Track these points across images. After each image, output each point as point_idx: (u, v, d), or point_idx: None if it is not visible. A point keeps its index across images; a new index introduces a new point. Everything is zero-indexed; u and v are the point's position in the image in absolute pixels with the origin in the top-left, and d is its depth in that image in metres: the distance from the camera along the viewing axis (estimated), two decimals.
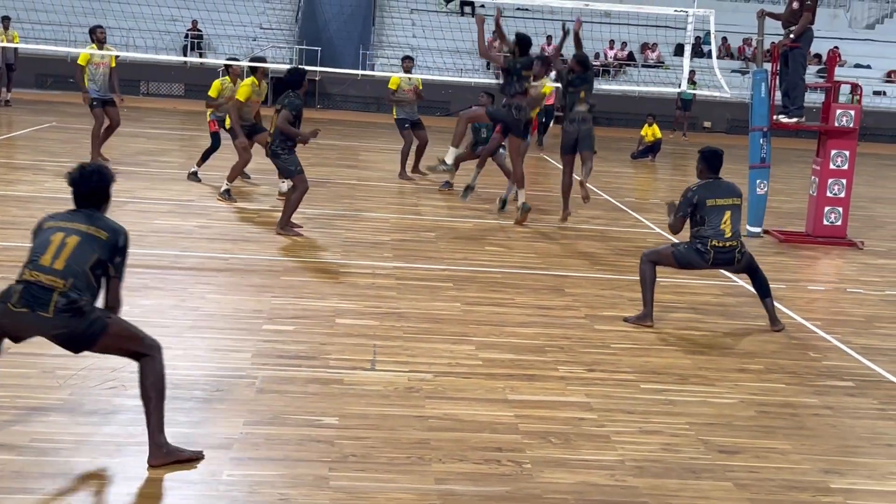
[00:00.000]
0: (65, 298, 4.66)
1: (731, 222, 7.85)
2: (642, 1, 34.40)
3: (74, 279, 4.71)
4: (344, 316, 7.55)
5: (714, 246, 7.80)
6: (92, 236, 4.90)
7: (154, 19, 28.54)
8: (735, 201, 7.93)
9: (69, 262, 4.74)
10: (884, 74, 34.89)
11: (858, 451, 5.63)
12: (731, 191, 7.98)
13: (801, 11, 12.10)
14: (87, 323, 4.71)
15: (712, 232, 7.80)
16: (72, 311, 4.66)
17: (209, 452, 4.95)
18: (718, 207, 7.83)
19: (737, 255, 7.87)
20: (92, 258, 4.83)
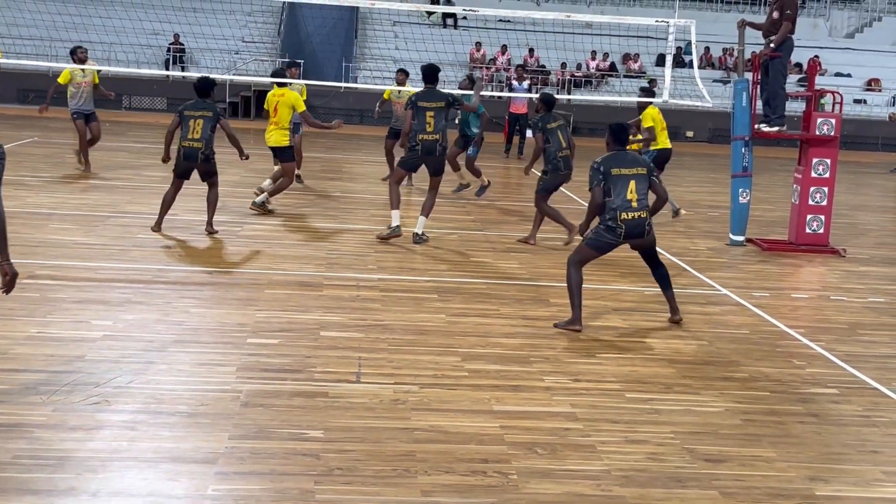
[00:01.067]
0: None
1: (637, 192, 7.92)
2: (623, 12, 34.66)
3: None
4: (329, 329, 7.54)
5: (624, 220, 7.87)
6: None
7: (136, 33, 28.50)
8: (639, 171, 8.00)
9: None
10: (864, 83, 35.11)
11: (843, 458, 5.64)
12: (635, 161, 8.11)
13: (781, 21, 12.18)
14: None
15: (620, 202, 7.88)
16: None
17: (195, 467, 4.93)
18: (623, 177, 7.93)
19: (646, 226, 7.95)
20: None
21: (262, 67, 31.07)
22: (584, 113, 31.31)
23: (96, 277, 8.75)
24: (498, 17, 32.47)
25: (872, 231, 14.74)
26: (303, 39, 33.06)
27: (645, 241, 8.10)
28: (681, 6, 31.90)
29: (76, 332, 7.06)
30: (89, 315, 7.52)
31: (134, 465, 4.93)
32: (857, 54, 36.56)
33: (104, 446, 5.13)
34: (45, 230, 10.65)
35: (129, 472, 4.84)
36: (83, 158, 15.47)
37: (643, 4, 37.20)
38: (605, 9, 35.77)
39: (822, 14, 38.83)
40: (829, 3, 39.45)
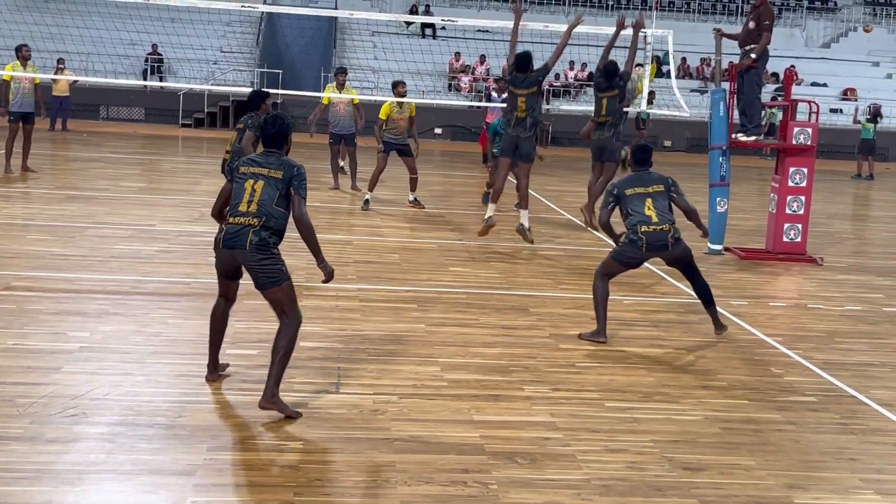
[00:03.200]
0: None
1: (656, 208, 7.96)
2: (602, 22, 34.77)
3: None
4: (308, 339, 7.51)
5: (644, 231, 7.89)
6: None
7: (113, 43, 28.39)
8: (657, 188, 8.05)
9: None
10: (840, 92, 35.39)
11: (821, 466, 5.67)
12: (652, 180, 8.13)
13: (759, 31, 12.24)
14: None
15: (639, 219, 7.93)
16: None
17: (173, 479, 4.90)
18: (638, 195, 8.00)
19: (669, 239, 7.92)
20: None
21: (241, 77, 31.03)
22: (563, 123, 31.41)
23: (73, 289, 8.70)
24: (477, 28, 32.56)
25: (849, 240, 14.84)
26: (281, 49, 33.04)
27: (672, 254, 8.05)
28: (658, 16, 32.04)
29: (53, 343, 7.02)
30: (66, 327, 7.47)
31: (111, 478, 4.90)
32: (833, 64, 36.88)
33: (81, 459, 5.09)
34: (21, 241, 10.58)
35: (107, 485, 4.80)
36: (7, 161, 15.71)
37: (621, 14, 37.37)
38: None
39: (798, 24, 39.16)
40: (806, 13, 39.79)
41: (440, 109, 30.35)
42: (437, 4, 36.50)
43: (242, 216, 5.90)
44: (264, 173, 5.98)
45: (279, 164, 6.02)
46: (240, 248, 5.90)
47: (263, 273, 5.92)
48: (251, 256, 5.88)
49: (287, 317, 6.00)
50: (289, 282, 6.02)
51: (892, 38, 39.49)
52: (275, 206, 5.94)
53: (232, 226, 5.93)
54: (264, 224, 5.89)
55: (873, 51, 38.30)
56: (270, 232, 5.92)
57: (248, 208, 5.92)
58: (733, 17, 38.10)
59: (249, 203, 5.92)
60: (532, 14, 36.45)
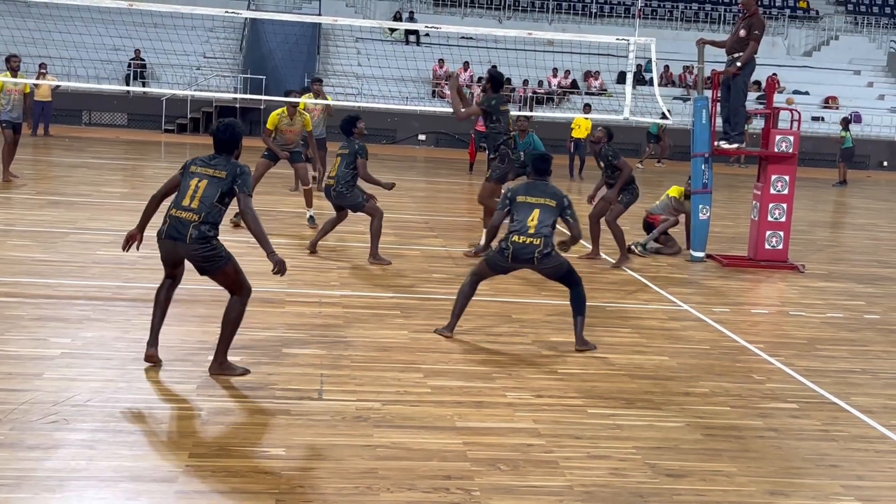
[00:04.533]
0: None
1: (539, 220, 7.95)
2: (585, 29, 34.94)
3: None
4: (290, 345, 7.50)
5: (514, 241, 7.92)
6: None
7: (96, 48, 28.30)
8: (548, 202, 8.03)
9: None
10: (821, 101, 35.61)
11: (803, 473, 5.69)
12: (546, 192, 8.13)
13: (748, 40, 12.30)
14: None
15: (518, 227, 7.97)
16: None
17: (154, 486, 4.87)
18: (528, 204, 8.01)
19: (536, 254, 7.87)
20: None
21: (224, 83, 30.99)
22: (545, 129, 31.45)
23: (55, 294, 8.65)
24: (460, 35, 32.61)
25: (831, 247, 14.92)
26: (265, 55, 33.00)
27: (541, 269, 8.03)
28: (641, 24, 32.16)
29: (34, 349, 6.98)
30: (47, 333, 7.43)
31: (93, 485, 4.87)
32: (815, 72, 37.14)
33: (62, 465, 5.06)
34: (2, 246, 10.52)
35: (88, 492, 4.78)
36: (6, 169, 15.70)
37: (604, 22, 37.54)
38: (566, 26, 36.11)
39: (780, 32, 39.40)
40: (788, 21, 40.04)
41: (424, 116, 30.37)
42: (421, 11, 36.56)
43: (185, 210, 6.43)
44: (210, 173, 6.52)
45: (225, 165, 6.58)
46: (181, 241, 6.44)
47: (205, 262, 6.54)
48: (191, 248, 6.46)
49: (237, 294, 6.67)
50: (231, 263, 6.63)
51: (872, 46, 39.80)
52: (215, 202, 6.50)
53: (174, 218, 6.46)
54: (204, 219, 6.44)
55: (854, 59, 38.58)
56: (209, 226, 6.49)
57: (189, 203, 6.45)
58: (716, 25, 38.32)
59: (192, 199, 6.45)
60: (515, 21, 36.57)
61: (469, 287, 8.19)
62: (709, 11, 39.34)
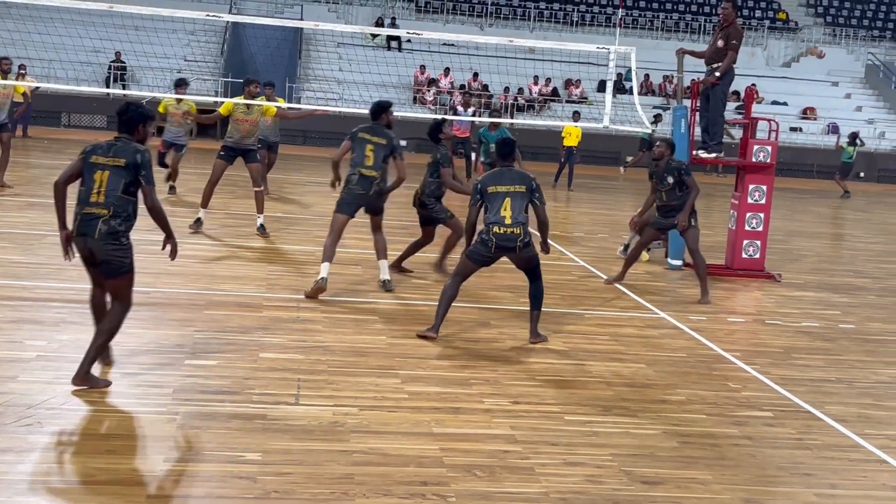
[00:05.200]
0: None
1: (513, 209, 8.06)
2: (566, 38, 35.03)
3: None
4: (268, 350, 7.49)
5: (495, 233, 8.04)
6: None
7: (76, 50, 28.16)
8: (517, 188, 8.13)
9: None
10: (800, 111, 35.85)
11: (777, 481, 5.72)
12: (514, 178, 8.20)
13: (727, 50, 12.37)
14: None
15: (494, 218, 8.07)
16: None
17: (129, 490, 4.85)
18: (499, 194, 8.10)
19: (518, 243, 8.06)
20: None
21: (205, 87, 30.89)
22: (526, 137, 31.52)
23: (31, 297, 8.60)
24: (442, 41, 32.67)
25: (807, 257, 15.01)
26: (246, 59, 32.94)
27: (519, 257, 8.23)
28: (622, 33, 32.32)
29: (9, 352, 6.93)
30: (23, 335, 7.39)
31: (66, 489, 4.84)
32: (793, 83, 37.38)
33: (36, 469, 5.03)
34: None
35: (62, 496, 4.75)
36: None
37: (585, 31, 37.67)
38: (547, 34, 36.21)
39: (759, 43, 39.64)
40: (767, 32, 40.28)
41: (405, 122, 30.37)
42: (403, 17, 36.58)
43: (94, 206, 6.34)
44: (110, 164, 6.36)
45: (124, 150, 6.39)
46: (90, 237, 6.33)
47: (112, 261, 6.37)
48: (101, 245, 6.33)
49: (120, 302, 6.45)
50: (132, 273, 6.50)
51: (850, 58, 40.11)
52: (121, 195, 6.36)
53: (85, 215, 6.36)
54: (114, 213, 6.32)
55: (832, 71, 38.86)
56: (120, 220, 6.35)
57: (97, 199, 6.36)
58: (696, 35, 38.52)
59: (98, 193, 6.35)
60: (497, 29, 36.63)
61: (452, 288, 8.25)
62: (689, 21, 39.55)
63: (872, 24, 42.39)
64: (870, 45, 40.70)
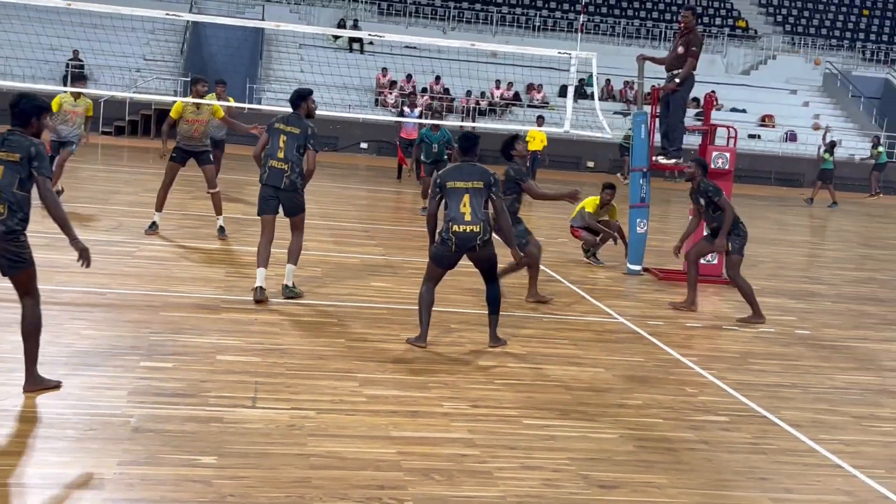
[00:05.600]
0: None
1: (472, 206, 8.05)
2: (528, 42, 35.15)
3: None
4: (225, 352, 7.42)
5: (454, 231, 8.03)
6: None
7: (32, 48, 27.78)
8: (475, 184, 8.10)
9: None
10: (758, 118, 36.19)
11: (733, 485, 5.76)
12: (473, 174, 8.17)
13: (686, 57, 12.45)
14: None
15: (452, 215, 8.05)
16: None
17: (82, 493, 4.78)
18: (458, 190, 8.08)
19: (478, 241, 8.05)
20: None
21: (164, 86, 30.64)
22: (488, 141, 31.50)
23: None
24: (404, 44, 32.62)
25: (764, 263, 15.13)
26: (206, 59, 32.70)
27: (478, 255, 8.20)
28: (583, 39, 32.46)
29: None
30: None
31: (18, 492, 4.77)
32: (753, 90, 37.72)
33: None
34: None
35: (13, 499, 4.67)
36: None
37: (547, 36, 37.79)
38: (509, 39, 36.27)
39: (719, 51, 39.97)
40: (727, 40, 40.64)
41: (366, 124, 30.33)
42: (365, 19, 36.51)
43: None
44: (4, 158, 6.13)
45: (19, 146, 6.17)
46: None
47: (11, 259, 6.17)
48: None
49: (30, 297, 6.28)
50: (33, 267, 6.33)
51: (808, 66, 40.53)
52: (16, 190, 6.12)
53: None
54: (10, 210, 6.10)
55: (791, 79, 39.27)
56: (18, 219, 6.15)
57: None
58: (657, 41, 38.77)
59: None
60: (459, 33, 36.66)
61: (428, 294, 8.20)
62: (650, 28, 39.81)
63: (830, 34, 42.91)
64: (828, 53, 41.20)
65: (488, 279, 8.37)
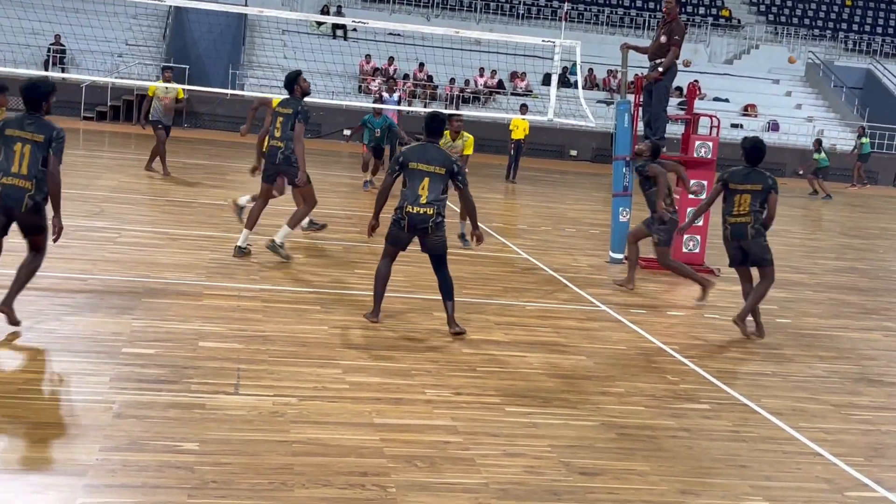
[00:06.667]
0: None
1: (430, 189, 8.08)
2: (512, 30, 35.11)
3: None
4: (207, 339, 7.41)
5: (408, 212, 8.08)
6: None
7: (14, 32, 27.61)
8: (437, 170, 8.12)
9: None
10: (741, 108, 36.30)
11: (713, 472, 5.79)
12: (437, 159, 8.17)
13: (669, 46, 12.47)
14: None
15: (410, 196, 8.10)
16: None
17: (63, 479, 4.77)
18: (419, 171, 8.12)
19: (431, 224, 8.09)
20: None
21: (146, 71, 30.48)
22: (471, 128, 31.40)
23: None
24: (388, 31, 32.54)
25: None
26: (188, 44, 32.54)
27: (430, 241, 8.19)
28: (567, 27, 32.45)
29: None
30: None
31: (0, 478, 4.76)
32: (735, 80, 37.82)
33: None
34: None
35: None
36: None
37: (531, 24, 37.77)
38: (493, 26, 36.23)
39: (702, 40, 40.05)
40: (710, 29, 40.72)
41: (350, 111, 30.26)
42: (349, 6, 36.39)
43: (17, 178, 6.86)
44: (29, 137, 6.89)
45: (41, 127, 6.97)
46: (16, 209, 6.91)
47: (35, 227, 7.11)
48: (27, 217, 7.00)
49: (39, 253, 7.22)
50: (48, 231, 7.17)
51: (791, 56, 40.65)
52: (40, 168, 6.92)
53: (7, 186, 6.86)
54: (37, 186, 6.92)
55: (773, 69, 39.39)
56: (43, 194, 6.98)
57: (19, 170, 6.88)
58: (640, 30, 38.80)
59: (20, 165, 6.88)
60: (443, 20, 36.59)
61: (384, 268, 8.32)
62: (634, 17, 39.84)
63: (813, 24, 43.05)
64: (810, 43, 41.33)
65: (438, 266, 8.29)
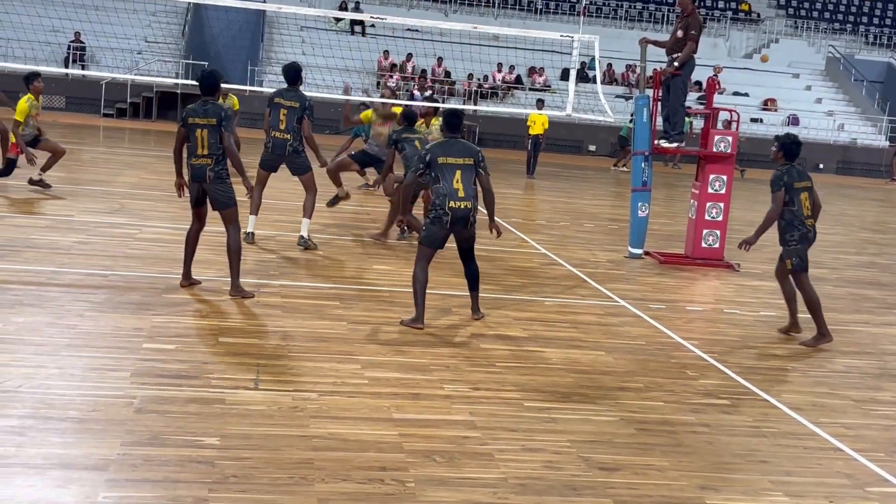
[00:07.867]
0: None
1: (464, 182, 8.14)
2: (530, 25, 35.04)
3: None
4: (227, 335, 7.44)
5: (451, 207, 8.10)
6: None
7: (35, 30, 27.74)
8: (467, 161, 8.21)
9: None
10: (760, 102, 36.13)
11: (733, 468, 5.78)
12: (464, 150, 8.28)
13: (686, 40, 12.44)
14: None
15: (447, 191, 8.11)
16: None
17: (84, 474, 4.81)
18: (449, 166, 8.15)
19: (470, 218, 8.20)
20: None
21: (166, 68, 30.60)
22: (489, 124, 31.55)
23: None
24: (406, 27, 32.56)
25: (765, 247, 15.10)
26: (207, 41, 32.65)
27: (467, 233, 8.35)
28: (585, 22, 32.40)
29: None
30: None
31: (21, 472, 4.79)
32: (755, 74, 37.64)
33: None
34: None
35: (16, 479, 4.70)
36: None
37: (549, 19, 37.70)
38: (511, 22, 36.20)
39: (721, 34, 39.89)
40: (729, 23, 40.54)
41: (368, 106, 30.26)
42: (367, 2, 36.41)
43: (201, 157, 8.36)
44: (204, 122, 8.32)
45: (213, 111, 8.36)
46: (203, 181, 8.36)
47: (222, 198, 8.46)
48: (212, 187, 8.37)
49: (233, 227, 8.51)
50: (236, 205, 8.53)
51: (811, 50, 40.46)
52: (219, 144, 8.33)
53: (195, 165, 8.38)
54: (216, 161, 8.36)
55: (794, 62, 39.19)
56: (222, 166, 8.41)
57: (202, 151, 8.36)
58: (659, 25, 38.68)
59: (202, 146, 8.35)
60: (461, 15, 36.57)
61: (422, 273, 8.24)
62: (652, 11, 39.71)
63: (833, 17, 42.80)
64: (830, 37, 41.10)
65: (467, 257, 8.54)
